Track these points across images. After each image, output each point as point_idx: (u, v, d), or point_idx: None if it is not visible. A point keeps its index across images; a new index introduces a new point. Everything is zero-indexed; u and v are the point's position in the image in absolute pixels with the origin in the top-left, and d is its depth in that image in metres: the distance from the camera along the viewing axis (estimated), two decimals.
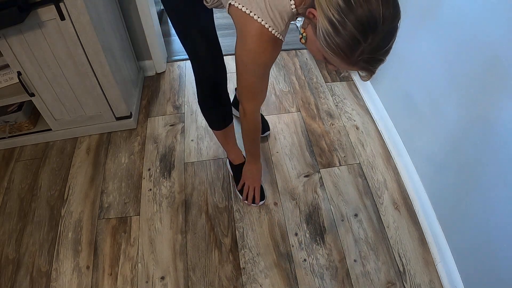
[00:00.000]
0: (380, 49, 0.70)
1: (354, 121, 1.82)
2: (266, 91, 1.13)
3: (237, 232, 1.43)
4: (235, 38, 0.98)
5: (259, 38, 0.90)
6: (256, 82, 1.06)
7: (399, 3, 0.69)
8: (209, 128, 1.79)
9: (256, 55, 0.95)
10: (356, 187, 1.55)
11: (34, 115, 1.80)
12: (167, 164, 1.67)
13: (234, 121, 1.44)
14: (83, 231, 1.46)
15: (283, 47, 1.01)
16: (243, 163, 1.54)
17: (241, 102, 1.14)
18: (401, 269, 1.32)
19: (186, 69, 2.17)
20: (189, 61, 2.19)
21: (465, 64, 1.11)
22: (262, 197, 1.51)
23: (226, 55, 1.26)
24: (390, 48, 0.72)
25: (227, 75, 1.28)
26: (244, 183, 1.49)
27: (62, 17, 1.33)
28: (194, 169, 1.64)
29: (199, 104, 1.35)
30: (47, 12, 1.30)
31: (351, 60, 0.71)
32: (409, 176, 1.52)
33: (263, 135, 1.74)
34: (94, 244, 1.42)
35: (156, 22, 2.01)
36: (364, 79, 0.79)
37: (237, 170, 1.55)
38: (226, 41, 1.52)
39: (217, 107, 1.34)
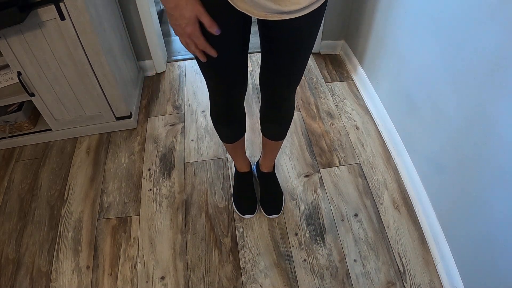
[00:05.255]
0: None
1: (354, 121, 1.82)
2: None
3: (237, 232, 1.43)
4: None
5: None
6: None
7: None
8: (209, 128, 1.80)
9: None
10: (356, 187, 1.55)
11: (34, 115, 1.80)
12: (167, 164, 1.67)
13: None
14: (83, 231, 1.46)
15: None
16: (248, 172, 1.49)
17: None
18: (401, 269, 1.32)
19: (186, 69, 2.17)
20: (189, 61, 2.21)
21: (465, 64, 1.11)
22: (253, 210, 1.46)
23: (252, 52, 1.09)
24: None
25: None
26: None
27: (62, 17, 1.33)
28: (194, 169, 1.64)
29: (211, 117, 1.21)
30: (47, 12, 1.30)
31: None
32: (409, 176, 1.52)
33: None
34: (94, 244, 1.42)
35: (156, 22, 2.01)
36: None
37: (241, 178, 1.49)
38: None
39: (231, 123, 1.20)
